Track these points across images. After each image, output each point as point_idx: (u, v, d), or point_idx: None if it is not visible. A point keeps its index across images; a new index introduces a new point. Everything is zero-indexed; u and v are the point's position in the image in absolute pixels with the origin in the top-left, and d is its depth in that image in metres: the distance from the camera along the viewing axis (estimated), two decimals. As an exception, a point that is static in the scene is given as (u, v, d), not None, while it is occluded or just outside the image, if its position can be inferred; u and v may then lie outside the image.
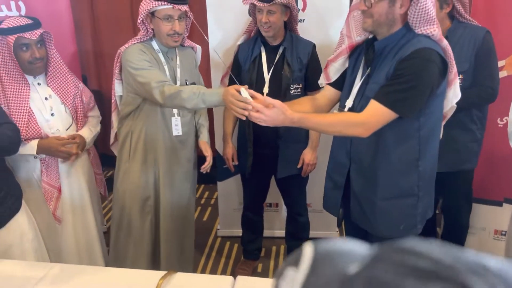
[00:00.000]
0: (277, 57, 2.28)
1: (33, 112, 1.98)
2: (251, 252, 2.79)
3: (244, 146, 2.43)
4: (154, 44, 2.06)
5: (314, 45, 2.33)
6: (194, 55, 2.24)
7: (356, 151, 1.67)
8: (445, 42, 1.59)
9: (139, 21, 1.99)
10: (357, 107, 1.66)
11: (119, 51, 2.09)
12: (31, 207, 2.05)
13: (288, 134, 2.32)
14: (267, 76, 2.29)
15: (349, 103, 1.69)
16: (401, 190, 1.67)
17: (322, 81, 1.89)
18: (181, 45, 2.15)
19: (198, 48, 2.28)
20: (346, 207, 1.90)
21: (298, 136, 2.38)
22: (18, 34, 1.89)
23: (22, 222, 1.90)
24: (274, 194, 2.80)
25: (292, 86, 2.28)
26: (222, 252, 3.02)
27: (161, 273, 1.56)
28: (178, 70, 2.10)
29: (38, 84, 2.04)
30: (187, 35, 2.16)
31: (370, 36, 1.70)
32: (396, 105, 1.52)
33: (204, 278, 1.58)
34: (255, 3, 2.14)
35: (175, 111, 2.11)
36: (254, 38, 2.33)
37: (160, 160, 2.14)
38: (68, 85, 2.10)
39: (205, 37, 2.27)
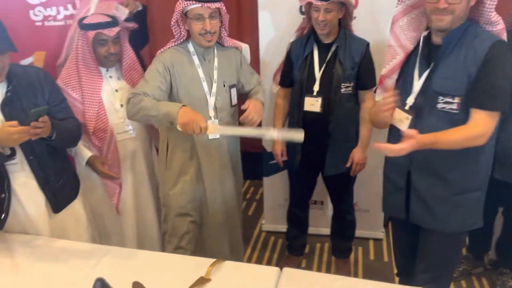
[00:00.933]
0: (329, 55, 2.28)
1: (103, 103, 2.12)
2: (295, 248, 2.81)
3: (293, 142, 2.45)
4: (190, 46, 2.03)
5: (368, 44, 2.31)
6: (238, 56, 2.17)
7: (418, 151, 1.66)
8: (505, 34, 1.60)
9: (172, 23, 1.98)
10: (421, 104, 1.66)
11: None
12: (93, 195, 2.20)
13: (338, 132, 2.33)
14: (318, 74, 2.30)
15: (410, 100, 1.69)
16: (469, 184, 1.68)
17: (379, 97, 1.85)
18: (221, 45, 2.11)
19: (245, 47, 2.26)
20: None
21: (348, 134, 2.38)
22: (98, 30, 2.03)
23: (78, 209, 2.02)
24: (319, 192, 2.80)
25: (343, 84, 2.27)
26: (267, 247, 3.06)
27: (211, 260, 1.63)
28: (215, 72, 2.05)
29: (110, 77, 2.17)
30: (225, 34, 2.10)
31: (424, 34, 1.69)
32: (499, 104, 1.55)
33: (251, 268, 1.62)
34: (312, 1, 2.15)
35: (211, 114, 2.04)
36: (307, 36, 2.34)
37: (200, 165, 2.10)
38: (138, 78, 2.20)
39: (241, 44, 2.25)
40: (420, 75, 1.67)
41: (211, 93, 2.03)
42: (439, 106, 1.62)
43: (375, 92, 1.99)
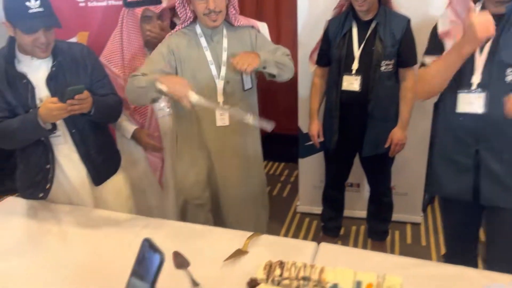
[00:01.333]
0: (369, 32, 2.24)
1: None
2: (330, 229, 2.80)
3: (330, 122, 2.43)
4: (197, 28, 1.92)
5: (409, 20, 2.24)
6: (252, 34, 1.98)
7: (488, 129, 1.59)
8: None
9: (177, 4, 1.90)
10: (491, 79, 1.59)
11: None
12: (135, 170, 2.27)
13: (377, 111, 2.29)
14: (357, 52, 2.26)
15: (476, 79, 1.61)
16: None
17: None
18: (231, 24, 1.97)
19: (262, 25, 2.14)
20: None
21: (388, 114, 2.33)
22: (145, 7, 2.08)
23: (118, 183, 2.08)
24: (356, 174, 2.77)
25: (384, 62, 2.23)
26: (301, 228, 3.07)
27: (248, 233, 1.65)
28: (224, 54, 1.92)
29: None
30: (234, 12, 1.96)
31: (477, 7, 1.63)
32: None
33: (288, 241, 1.63)
34: None
35: (219, 99, 1.92)
36: (345, 13, 2.30)
37: (210, 155, 2.02)
38: None
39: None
40: (481, 50, 1.60)
41: (219, 76, 1.92)
42: (509, 78, 1.55)
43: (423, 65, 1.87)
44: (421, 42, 2.11)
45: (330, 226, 2.79)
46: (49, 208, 1.88)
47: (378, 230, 2.71)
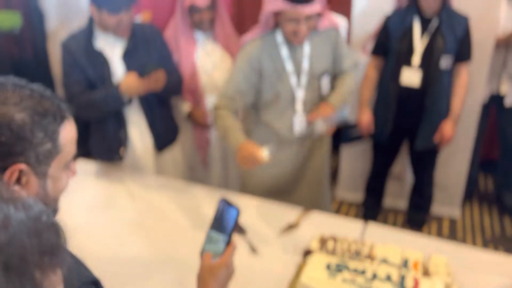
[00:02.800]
0: (431, 28, 2.28)
1: (196, 66, 2.28)
2: (372, 217, 2.87)
3: (382, 114, 2.48)
4: (278, 36, 1.81)
5: (467, 19, 2.29)
6: (335, 37, 1.90)
7: None
8: None
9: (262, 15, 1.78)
10: None
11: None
12: (184, 147, 2.41)
13: (434, 106, 2.33)
14: (418, 48, 2.31)
15: None
16: None
17: None
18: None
19: (342, 23, 2.11)
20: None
21: (443, 110, 2.38)
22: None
23: (176, 153, 2.26)
24: (397, 164, 2.84)
25: (444, 57, 2.28)
26: (339, 213, 3.16)
27: (299, 208, 1.77)
28: (306, 61, 1.84)
29: (203, 41, 2.31)
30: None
31: None
32: None
33: (338, 218, 1.73)
34: None
35: (298, 108, 1.89)
36: (407, 8, 2.34)
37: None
38: (232, 44, 2.32)
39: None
40: None
41: (300, 85, 1.86)
42: None
43: None
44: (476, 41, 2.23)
45: (371, 214, 2.87)
46: (116, 171, 2.07)
47: (417, 219, 2.79)
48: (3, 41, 3.25)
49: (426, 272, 1.32)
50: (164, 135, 2.16)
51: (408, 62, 2.33)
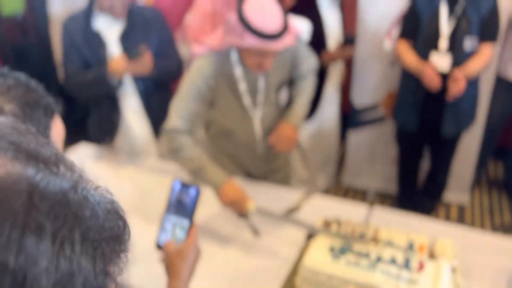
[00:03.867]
0: (457, 10, 2.21)
1: None
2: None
3: (410, 103, 2.42)
4: (233, 55, 1.60)
5: (496, 2, 2.21)
6: (291, 51, 1.69)
7: None
8: None
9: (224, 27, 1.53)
10: None
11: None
12: None
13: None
14: (444, 31, 2.23)
15: None
16: None
17: None
18: None
19: (303, 29, 1.89)
20: None
21: (468, 95, 2.31)
22: None
23: None
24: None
25: (469, 39, 2.20)
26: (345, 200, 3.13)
27: (302, 191, 1.74)
28: (262, 80, 1.67)
29: None
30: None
31: None
32: None
33: (342, 201, 1.71)
34: None
35: (256, 126, 1.75)
36: None
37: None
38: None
39: None
40: None
41: (256, 104, 1.71)
42: None
43: None
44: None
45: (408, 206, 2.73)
46: (115, 154, 2.08)
47: (426, 205, 2.74)
48: (6, 26, 3.24)
49: (431, 255, 1.29)
50: (161, 120, 2.10)
51: (435, 46, 2.24)
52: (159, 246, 0.97)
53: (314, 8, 2.43)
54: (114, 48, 1.95)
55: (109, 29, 1.95)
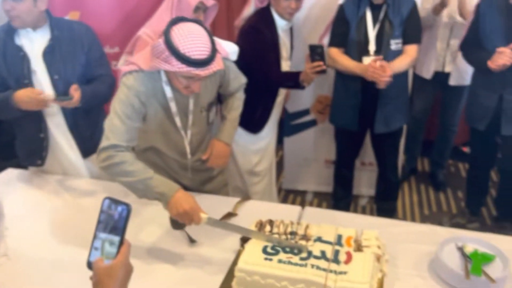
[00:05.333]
0: (381, 14, 2.35)
1: None
2: (342, 208, 2.83)
3: (347, 103, 2.51)
4: (163, 75, 1.60)
5: (415, 4, 2.37)
6: (220, 73, 1.74)
7: None
8: None
9: (154, 48, 1.49)
10: None
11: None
12: None
13: (388, 90, 2.35)
14: (372, 34, 2.36)
15: None
16: None
17: None
18: None
19: (232, 52, 1.88)
20: None
21: (398, 92, 2.44)
22: None
23: None
24: (370, 153, 2.89)
25: (393, 41, 2.35)
26: (286, 203, 3.21)
27: (237, 199, 1.78)
28: (191, 102, 1.68)
29: None
30: None
31: None
32: None
33: (275, 206, 1.77)
34: None
35: (187, 147, 1.78)
36: None
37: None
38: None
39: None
40: None
41: (187, 126, 1.72)
42: None
43: None
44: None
45: (341, 205, 2.87)
46: (45, 178, 1.99)
47: (387, 208, 2.82)
48: None
49: (358, 247, 1.37)
50: (90, 139, 2.02)
51: (365, 50, 2.37)
52: (90, 264, 0.96)
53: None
54: (38, 63, 1.86)
55: (33, 43, 1.86)
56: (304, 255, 1.33)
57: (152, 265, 1.44)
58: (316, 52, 2.19)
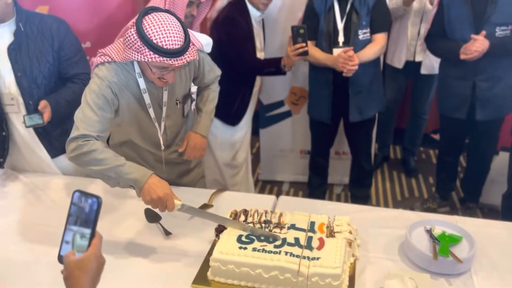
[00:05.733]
0: (348, 5, 2.38)
1: None
2: (317, 196, 2.90)
3: (320, 95, 2.55)
4: (137, 67, 1.59)
5: None
6: (194, 64, 1.76)
7: None
8: None
9: (128, 37, 1.45)
10: None
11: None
12: None
13: (361, 79, 2.42)
14: (340, 25, 2.40)
15: None
16: None
17: None
18: None
19: (206, 44, 1.81)
20: None
21: (369, 81, 2.49)
22: None
23: None
24: (344, 142, 2.96)
25: (361, 31, 2.39)
26: (263, 194, 3.24)
27: (213, 190, 1.80)
28: (165, 94, 1.67)
29: None
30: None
31: None
32: None
33: (250, 196, 1.79)
34: None
35: (162, 139, 1.77)
36: None
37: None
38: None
39: None
40: None
41: (161, 118, 1.71)
42: None
43: None
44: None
45: (317, 193, 2.92)
46: (13, 176, 1.95)
47: (360, 196, 2.89)
48: None
49: (331, 232, 1.41)
50: (57, 140, 1.97)
51: (336, 41, 2.41)
52: (61, 258, 0.96)
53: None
54: (3, 60, 1.79)
55: None
56: (278, 242, 1.35)
57: (127, 260, 1.43)
58: (298, 34, 2.19)
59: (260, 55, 2.48)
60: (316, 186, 2.92)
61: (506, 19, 2.27)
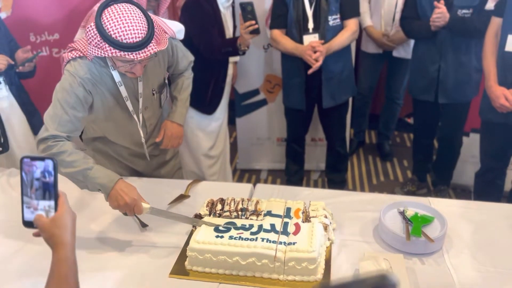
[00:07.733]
0: None
1: None
2: (294, 182, 2.93)
3: (293, 83, 2.56)
4: (108, 59, 1.53)
5: None
6: (167, 52, 1.72)
7: None
8: None
9: (88, 31, 1.41)
10: None
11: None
12: None
13: (331, 64, 2.43)
14: (309, 12, 2.39)
15: None
16: None
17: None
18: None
19: (178, 30, 1.74)
20: None
21: (341, 66, 2.51)
22: None
23: None
24: (319, 129, 2.96)
25: (331, 17, 2.39)
26: (241, 182, 3.25)
27: (189, 181, 1.79)
28: (140, 84, 1.63)
29: None
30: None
31: None
32: None
33: (227, 185, 1.79)
34: None
35: (141, 131, 1.74)
36: None
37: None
38: None
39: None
40: None
41: (139, 110, 1.68)
42: None
43: None
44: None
45: (294, 179, 2.94)
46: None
47: (337, 180, 2.91)
48: None
49: (306, 217, 1.43)
50: (40, 116, 2.03)
51: (306, 28, 2.41)
52: (27, 223, 0.95)
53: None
54: None
55: None
56: (254, 229, 1.36)
57: (104, 254, 1.42)
58: (246, 11, 2.17)
59: None
60: (293, 173, 2.93)
61: (468, 2, 2.34)
